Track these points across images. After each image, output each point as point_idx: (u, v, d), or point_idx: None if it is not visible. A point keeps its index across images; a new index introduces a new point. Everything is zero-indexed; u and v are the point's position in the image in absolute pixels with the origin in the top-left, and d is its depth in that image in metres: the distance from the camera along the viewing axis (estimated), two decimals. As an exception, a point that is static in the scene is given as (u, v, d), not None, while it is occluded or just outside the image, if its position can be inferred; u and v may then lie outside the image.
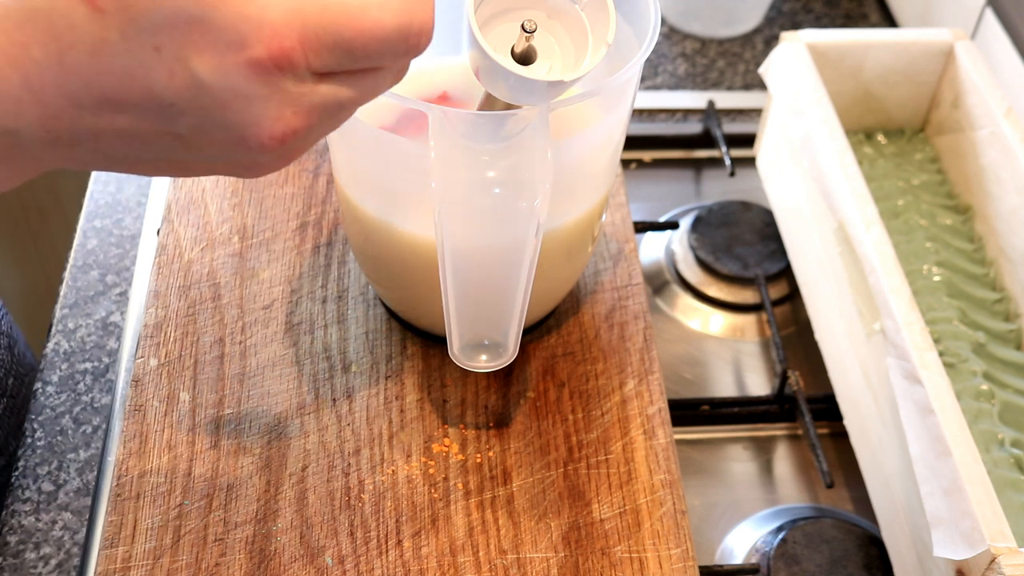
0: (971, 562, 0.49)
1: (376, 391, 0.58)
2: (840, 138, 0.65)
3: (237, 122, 0.34)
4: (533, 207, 0.45)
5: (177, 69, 0.32)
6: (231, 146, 0.35)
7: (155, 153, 0.35)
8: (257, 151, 0.35)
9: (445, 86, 0.57)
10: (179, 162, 0.36)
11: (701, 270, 0.76)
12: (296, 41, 0.33)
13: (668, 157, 0.86)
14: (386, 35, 0.34)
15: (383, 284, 0.60)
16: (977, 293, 0.67)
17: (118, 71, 0.32)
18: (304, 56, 0.33)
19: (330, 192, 0.67)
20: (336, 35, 0.33)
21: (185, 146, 0.35)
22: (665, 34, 0.96)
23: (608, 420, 0.57)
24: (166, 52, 0.32)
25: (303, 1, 0.33)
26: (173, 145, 0.35)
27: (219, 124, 0.34)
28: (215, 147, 0.35)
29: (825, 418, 0.68)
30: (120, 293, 0.70)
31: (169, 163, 0.36)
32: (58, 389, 0.66)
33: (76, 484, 0.61)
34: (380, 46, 0.34)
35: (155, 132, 0.34)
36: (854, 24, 0.97)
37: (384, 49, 0.35)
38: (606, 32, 0.44)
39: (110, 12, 0.31)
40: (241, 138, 0.34)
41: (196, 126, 0.34)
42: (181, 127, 0.34)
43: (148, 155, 0.35)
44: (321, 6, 0.33)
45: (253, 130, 0.34)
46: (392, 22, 0.34)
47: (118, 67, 0.32)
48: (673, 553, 0.52)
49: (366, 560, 0.52)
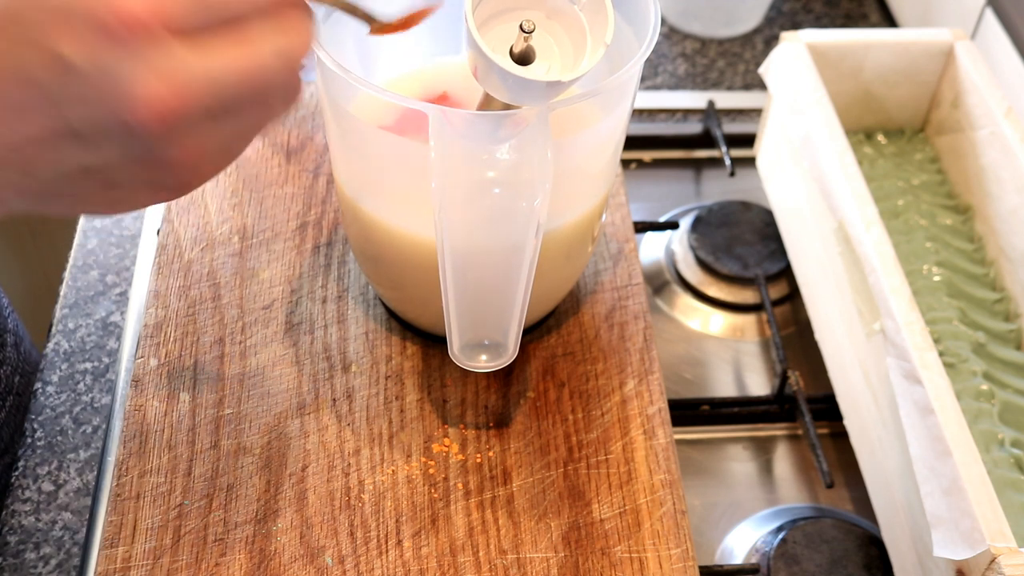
0: (971, 562, 0.49)
1: (376, 391, 0.58)
2: (840, 138, 0.65)
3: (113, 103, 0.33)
4: (533, 207, 0.45)
5: (49, 58, 0.32)
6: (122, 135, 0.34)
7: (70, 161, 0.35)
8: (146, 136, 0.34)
9: (445, 86, 0.57)
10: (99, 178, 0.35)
11: (701, 270, 0.76)
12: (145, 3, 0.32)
13: (668, 157, 0.86)
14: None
15: (383, 284, 0.60)
16: (977, 293, 0.67)
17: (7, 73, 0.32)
18: (153, 13, 0.32)
19: (330, 192, 0.67)
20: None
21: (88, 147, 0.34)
22: (665, 34, 0.96)
23: (608, 420, 0.57)
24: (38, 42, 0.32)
25: None
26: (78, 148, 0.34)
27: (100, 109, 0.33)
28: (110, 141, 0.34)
29: (825, 418, 0.68)
30: (120, 293, 0.70)
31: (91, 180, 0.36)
32: (58, 389, 0.66)
33: (76, 484, 0.61)
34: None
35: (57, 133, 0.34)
36: (854, 24, 0.97)
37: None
38: (604, 32, 0.44)
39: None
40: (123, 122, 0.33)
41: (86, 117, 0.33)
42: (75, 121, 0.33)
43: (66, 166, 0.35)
44: None
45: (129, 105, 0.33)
46: None
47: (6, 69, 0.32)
48: (673, 553, 0.52)
49: (366, 560, 0.52)
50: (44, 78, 0.33)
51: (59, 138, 0.34)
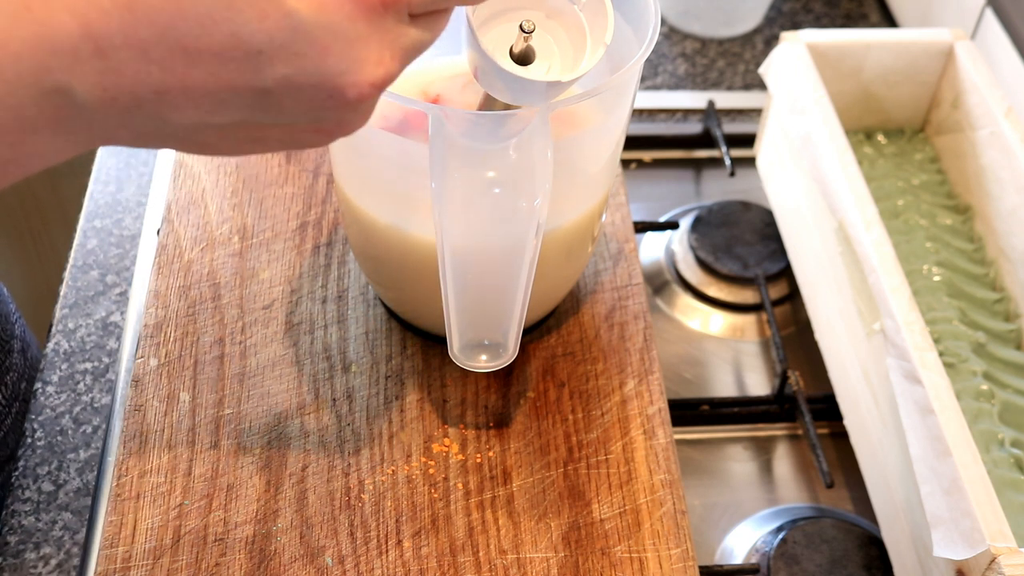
0: (971, 562, 0.49)
1: (376, 391, 0.58)
2: (840, 138, 0.65)
3: (335, 69, 0.30)
4: (533, 207, 0.45)
5: (270, 9, 0.29)
6: (323, 99, 0.31)
7: (228, 116, 0.31)
8: (351, 103, 0.32)
9: (442, 87, 0.57)
10: (252, 128, 0.32)
11: (701, 270, 0.76)
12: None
13: (668, 157, 0.86)
14: None
15: (383, 284, 0.60)
16: (977, 293, 0.67)
17: (199, 15, 0.28)
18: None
19: (330, 192, 0.67)
20: None
21: (265, 105, 0.31)
22: (665, 34, 0.96)
23: (608, 420, 0.57)
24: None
25: None
26: (253, 105, 0.31)
27: (314, 72, 0.30)
28: (303, 103, 0.31)
29: (825, 418, 0.68)
30: (120, 293, 0.70)
31: (239, 130, 0.32)
32: (58, 389, 0.66)
33: (76, 484, 0.61)
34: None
35: (234, 88, 0.30)
36: (854, 24, 0.97)
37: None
38: (604, 32, 0.44)
39: None
40: (336, 88, 0.31)
41: (286, 77, 0.30)
42: (268, 79, 0.30)
43: (218, 119, 0.31)
44: None
45: (353, 77, 0.31)
46: None
47: (200, 10, 0.28)
48: (673, 553, 0.52)
49: (366, 560, 0.52)
50: (253, 29, 0.29)
51: (234, 94, 0.31)
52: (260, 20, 0.29)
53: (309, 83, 0.31)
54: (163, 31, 0.28)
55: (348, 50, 0.30)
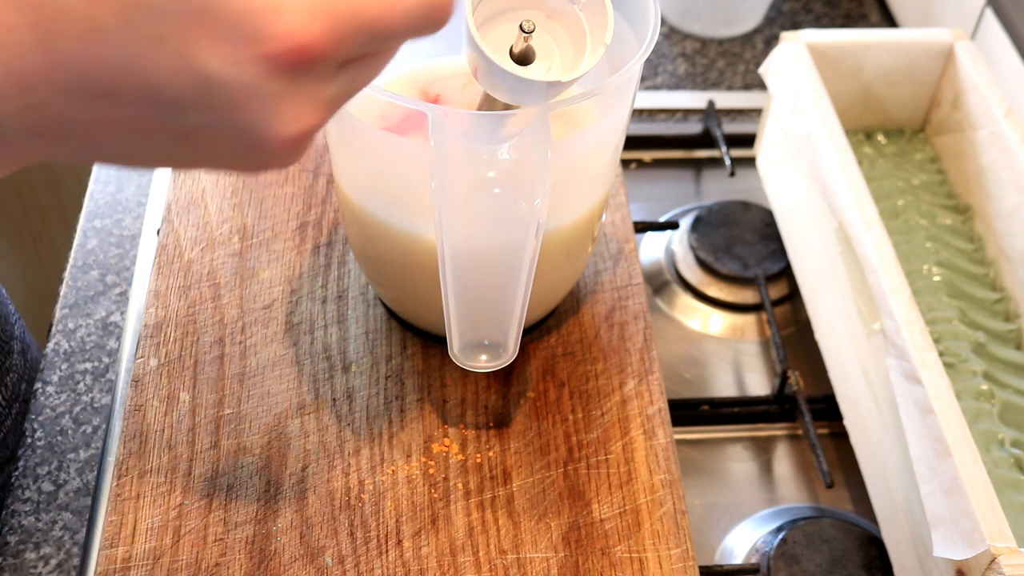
0: (971, 562, 0.49)
1: (376, 391, 0.58)
2: (840, 138, 0.65)
3: (250, 123, 0.31)
4: (533, 207, 0.45)
5: (182, 63, 0.29)
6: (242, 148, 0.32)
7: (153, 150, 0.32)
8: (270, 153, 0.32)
9: (442, 87, 0.57)
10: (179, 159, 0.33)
11: (701, 270, 0.76)
12: (320, 31, 0.29)
13: (668, 157, 0.86)
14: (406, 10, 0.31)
15: (383, 284, 0.60)
16: (977, 293, 0.67)
17: (114, 61, 0.29)
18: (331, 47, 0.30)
19: (330, 192, 0.67)
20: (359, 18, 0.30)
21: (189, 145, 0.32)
22: (665, 34, 0.96)
23: (608, 420, 0.57)
24: (170, 43, 0.29)
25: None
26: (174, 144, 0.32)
27: (228, 125, 0.31)
28: (222, 147, 0.32)
29: (825, 418, 0.68)
30: (120, 293, 0.70)
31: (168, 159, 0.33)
32: (58, 389, 0.66)
33: (76, 484, 0.61)
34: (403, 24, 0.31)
35: (155, 128, 0.31)
36: (854, 24, 0.97)
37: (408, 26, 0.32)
38: (604, 32, 0.44)
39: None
40: (254, 140, 0.31)
41: (202, 126, 0.31)
42: (185, 125, 0.31)
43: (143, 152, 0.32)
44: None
45: (268, 131, 0.31)
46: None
47: (114, 56, 0.29)
48: (673, 553, 0.52)
49: (366, 560, 0.52)
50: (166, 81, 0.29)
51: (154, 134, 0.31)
52: (172, 74, 0.29)
53: (225, 133, 0.31)
54: (81, 74, 0.29)
55: (261, 106, 0.30)
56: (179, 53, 0.29)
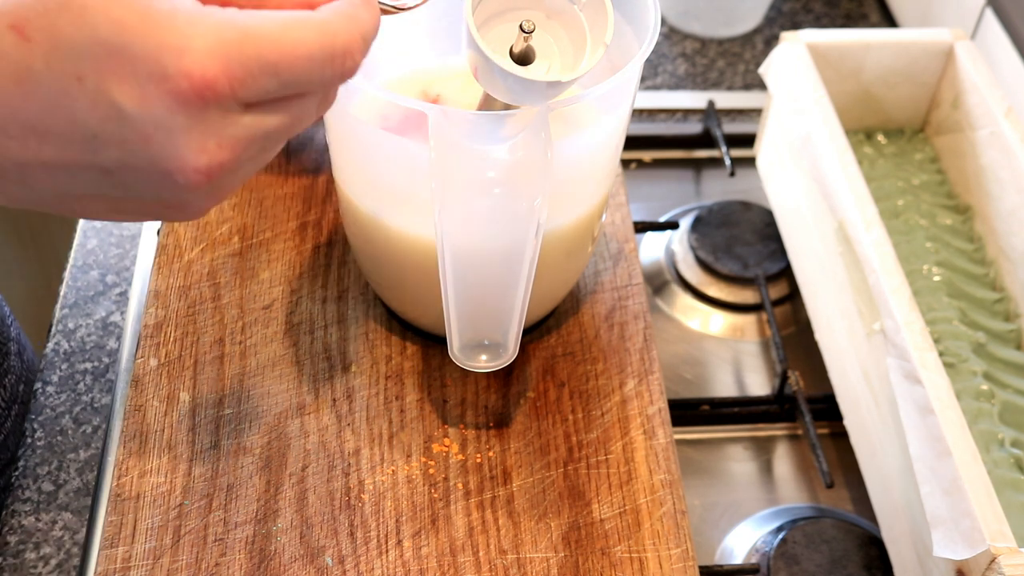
0: (971, 562, 0.49)
1: (376, 391, 0.58)
2: (840, 138, 0.65)
3: (160, 155, 0.33)
4: (533, 207, 0.45)
5: (99, 99, 0.32)
6: (157, 181, 0.34)
7: (82, 188, 0.35)
8: (184, 187, 0.34)
9: (442, 87, 0.57)
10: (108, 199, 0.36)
11: (701, 270, 0.76)
12: (220, 70, 0.32)
13: (668, 157, 0.86)
14: (310, 55, 0.33)
15: (383, 284, 0.60)
16: (977, 293, 0.67)
17: (42, 100, 0.32)
18: (229, 85, 0.32)
19: (330, 192, 0.67)
20: (260, 60, 0.32)
21: (112, 182, 0.34)
22: (665, 34, 0.96)
23: (608, 420, 0.57)
24: (88, 82, 0.31)
25: (224, 28, 0.32)
26: (100, 180, 0.34)
27: (142, 157, 0.33)
28: (141, 183, 0.34)
29: (825, 418, 0.68)
30: (120, 293, 0.70)
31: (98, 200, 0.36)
32: (58, 389, 0.66)
33: (76, 484, 0.61)
34: (306, 68, 0.34)
35: (80, 165, 0.33)
36: (854, 24, 0.97)
37: (311, 71, 0.34)
38: (604, 32, 0.44)
39: (36, 41, 0.31)
40: (166, 172, 0.33)
41: (120, 160, 0.33)
42: (106, 160, 0.33)
43: (76, 190, 0.35)
44: (242, 32, 0.32)
45: (177, 163, 0.33)
46: (316, 42, 0.33)
47: (42, 96, 0.32)
48: (673, 553, 0.52)
49: (366, 560, 0.52)
50: (86, 117, 0.32)
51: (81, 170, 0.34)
52: (91, 110, 0.32)
53: (141, 166, 0.33)
54: (13, 112, 0.32)
55: (169, 138, 0.33)
56: (98, 90, 0.32)
